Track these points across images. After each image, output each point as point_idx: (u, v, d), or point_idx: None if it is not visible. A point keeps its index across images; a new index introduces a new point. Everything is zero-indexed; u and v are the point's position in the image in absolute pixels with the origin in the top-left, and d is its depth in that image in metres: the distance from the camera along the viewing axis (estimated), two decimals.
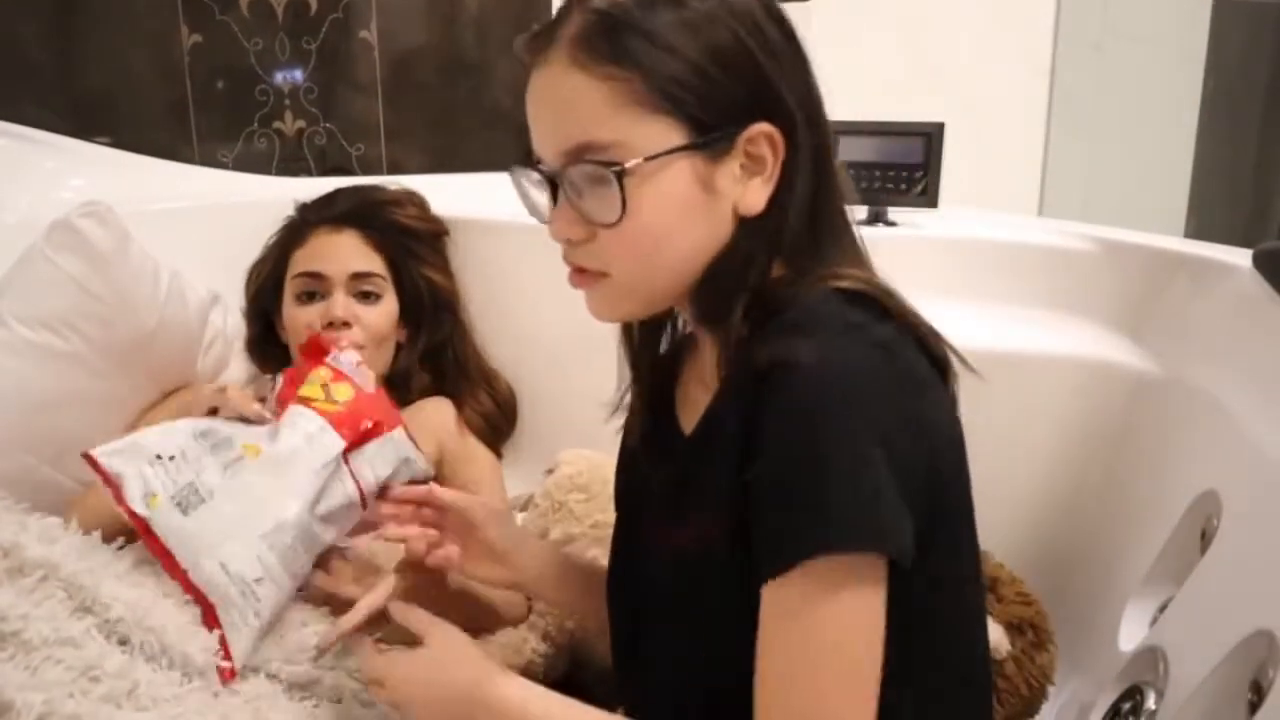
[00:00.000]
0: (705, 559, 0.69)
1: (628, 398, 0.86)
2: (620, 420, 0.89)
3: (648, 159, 0.67)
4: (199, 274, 1.34)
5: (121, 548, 0.90)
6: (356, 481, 0.93)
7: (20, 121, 1.57)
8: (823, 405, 0.62)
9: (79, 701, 0.76)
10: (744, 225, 0.70)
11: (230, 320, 1.38)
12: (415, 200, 1.41)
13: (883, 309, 0.70)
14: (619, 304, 0.74)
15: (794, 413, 0.62)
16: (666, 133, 0.67)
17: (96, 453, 0.89)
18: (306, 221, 1.33)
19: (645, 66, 0.67)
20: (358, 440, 0.94)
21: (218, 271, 1.37)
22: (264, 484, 0.90)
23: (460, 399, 1.34)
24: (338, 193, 1.38)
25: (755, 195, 0.69)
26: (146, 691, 0.79)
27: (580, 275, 0.73)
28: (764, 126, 0.68)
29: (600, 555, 1.06)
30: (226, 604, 0.85)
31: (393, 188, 1.40)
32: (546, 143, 0.72)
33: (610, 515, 0.91)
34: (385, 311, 1.29)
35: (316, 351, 1.01)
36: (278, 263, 1.33)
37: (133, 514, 0.86)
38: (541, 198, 0.75)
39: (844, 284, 0.69)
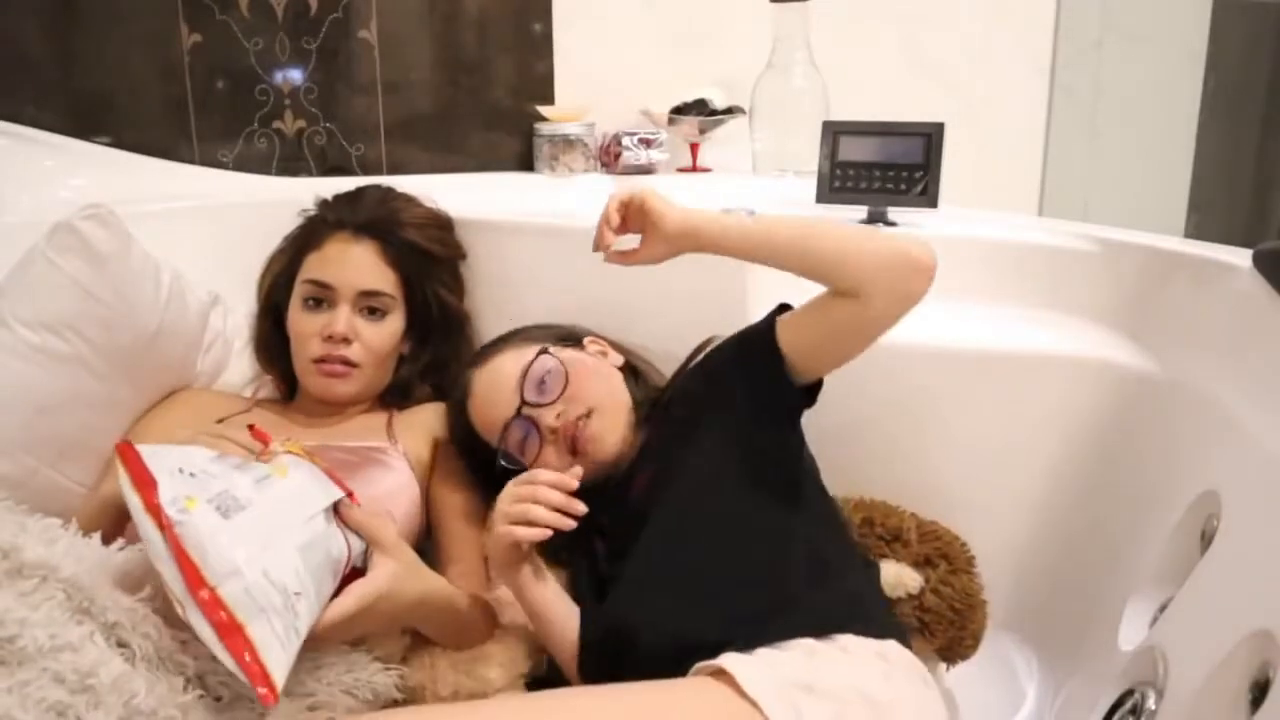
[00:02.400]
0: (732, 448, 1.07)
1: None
2: None
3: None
4: (198, 274, 1.34)
5: (122, 549, 0.90)
6: (346, 540, 0.91)
7: (20, 121, 1.57)
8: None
9: None
10: (622, 370, 1.22)
11: (229, 322, 1.38)
12: (442, 223, 1.39)
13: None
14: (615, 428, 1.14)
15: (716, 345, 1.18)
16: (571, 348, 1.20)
17: (139, 447, 0.83)
18: (326, 221, 1.30)
19: (543, 336, 1.22)
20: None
21: (217, 271, 1.37)
22: (294, 501, 0.87)
23: None
24: (363, 194, 1.35)
25: (614, 358, 1.23)
26: (145, 703, 0.77)
27: (574, 427, 1.11)
28: (590, 337, 1.26)
29: None
30: (266, 616, 0.78)
31: (424, 204, 1.37)
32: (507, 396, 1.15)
33: None
34: (389, 330, 1.28)
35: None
36: (292, 260, 1.31)
37: (163, 517, 0.78)
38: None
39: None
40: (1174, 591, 0.99)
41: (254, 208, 1.55)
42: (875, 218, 1.41)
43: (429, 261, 1.34)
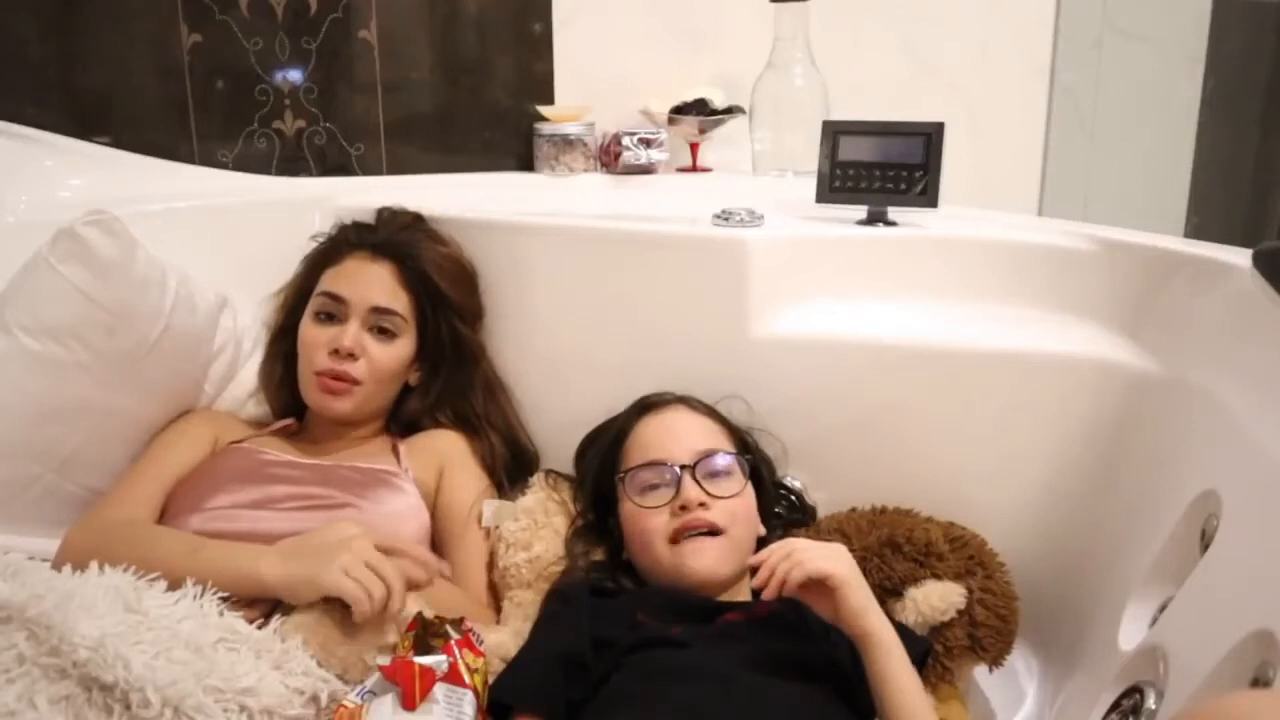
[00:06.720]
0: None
1: None
2: None
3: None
4: (198, 274, 1.34)
5: (85, 578, 0.88)
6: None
7: (20, 121, 1.57)
8: None
9: None
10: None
11: (239, 322, 1.37)
12: (466, 279, 1.37)
13: None
14: (727, 560, 1.05)
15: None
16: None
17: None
18: (347, 241, 1.33)
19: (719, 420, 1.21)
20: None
21: (217, 271, 1.37)
22: None
23: (479, 445, 1.32)
24: (383, 220, 1.37)
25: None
26: None
27: (711, 536, 1.05)
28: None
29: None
30: None
31: (451, 255, 1.36)
32: (684, 448, 1.11)
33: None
34: (397, 353, 1.28)
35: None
36: (309, 276, 1.33)
37: None
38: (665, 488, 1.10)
39: None
40: (1174, 591, 0.99)
41: (254, 208, 1.55)
42: (875, 217, 1.41)
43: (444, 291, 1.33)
